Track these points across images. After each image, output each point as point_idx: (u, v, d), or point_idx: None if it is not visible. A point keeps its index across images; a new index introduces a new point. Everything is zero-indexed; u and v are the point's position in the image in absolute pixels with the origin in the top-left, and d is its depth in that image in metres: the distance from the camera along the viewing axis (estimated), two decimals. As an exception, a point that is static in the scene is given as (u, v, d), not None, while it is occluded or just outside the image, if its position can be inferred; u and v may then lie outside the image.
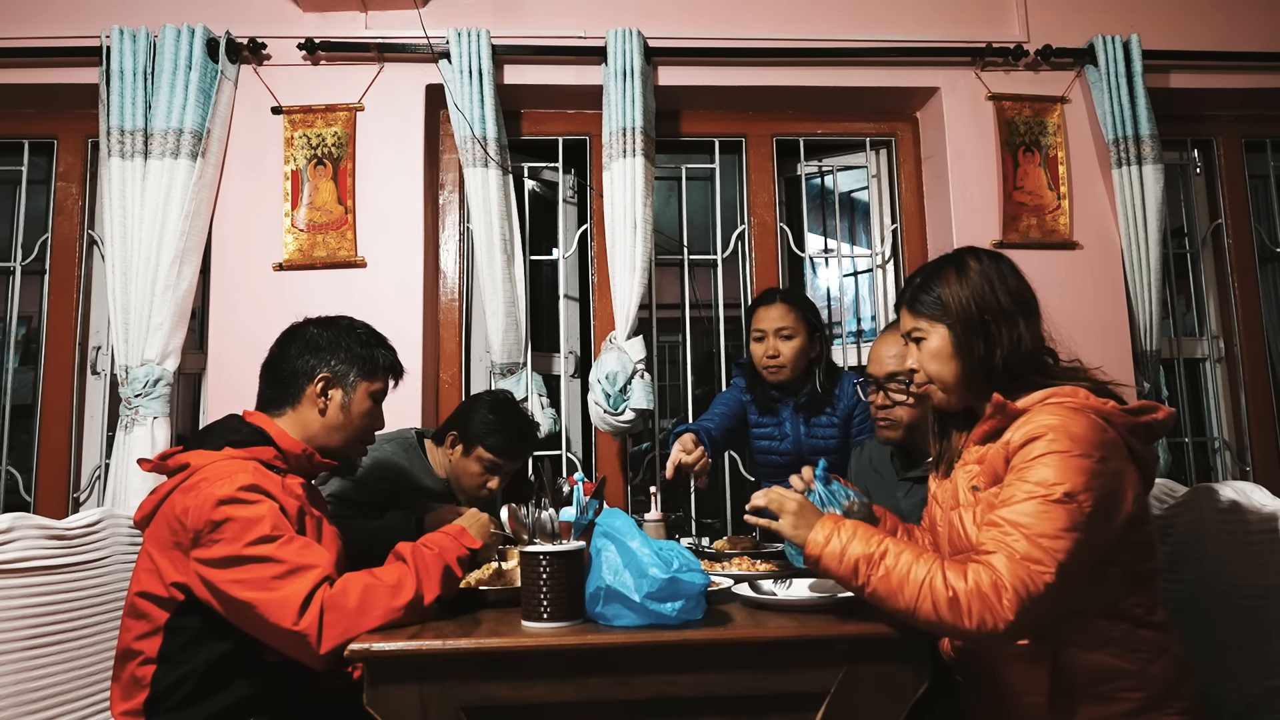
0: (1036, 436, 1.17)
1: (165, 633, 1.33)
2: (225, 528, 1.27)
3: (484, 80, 2.53)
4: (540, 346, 2.84)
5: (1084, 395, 1.23)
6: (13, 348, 2.70)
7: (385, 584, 1.26)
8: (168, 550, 1.32)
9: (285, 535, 1.28)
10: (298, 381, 1.53)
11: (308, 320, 1.62)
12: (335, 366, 1.55)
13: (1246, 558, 1.43)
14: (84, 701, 1.51)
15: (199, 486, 1.31)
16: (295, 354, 1.55)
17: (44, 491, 2.56)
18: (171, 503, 1.33)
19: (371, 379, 1.58)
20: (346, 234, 2.54)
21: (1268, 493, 1.44)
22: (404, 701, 1.11)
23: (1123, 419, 1.23)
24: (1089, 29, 2.74)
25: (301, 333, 1.58)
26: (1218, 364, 2.94)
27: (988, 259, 1.34)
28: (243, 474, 1.33)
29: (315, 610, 1.21)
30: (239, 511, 1.27)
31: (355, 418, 1.57)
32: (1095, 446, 1.15)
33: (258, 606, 1.23)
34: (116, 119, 2.42)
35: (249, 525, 1.27)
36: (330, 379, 1.54)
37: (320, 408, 1.53)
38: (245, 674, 1.35)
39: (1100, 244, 2.71)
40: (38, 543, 1.46)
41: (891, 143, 2.96)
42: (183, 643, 1.32)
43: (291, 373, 1.53)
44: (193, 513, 1.28)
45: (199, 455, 1.39)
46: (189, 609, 1.32)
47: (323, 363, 1.54)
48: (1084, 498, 1.12)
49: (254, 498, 1.30)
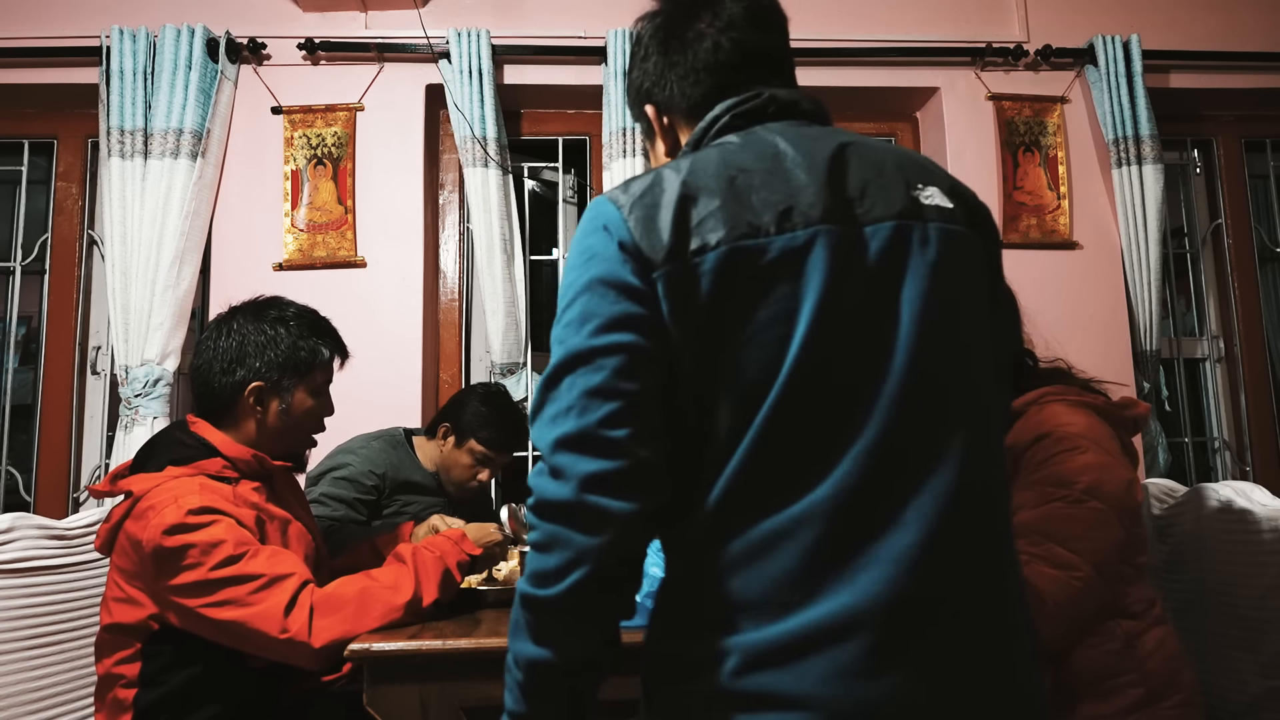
0: (1041, 435, 1.17)
1: (143, 658, 1.30)
2: (188, 555, 1.22)
3: (484, 80, 2.53)
4: (540, 346, 2.84)
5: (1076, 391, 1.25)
6: (13, 348, 2.70)
7: (383, 585, 1.26)
8: (133, 580, 1.29)
9: (249, 550, 1.24)
10: (228, 395, 1.41)
11: (233, 314, 1.48)
12: (264, 373, 1.42)
13: (1246, 558, 1.44)
14: (84, 701, 1.51)
15: (146, 515, 1.25)
16: (220, 370, 1.42)
17: (44, 491, 2.55)
18: (125, 531, 1.28)
19: (307, 376, 1.46)
20: (346, 234, 2.54)
21: (1268, 493, 1.44)
22: (404, 701, 1.11)
23: (1113, 413, 1.25)
24: (1089, 29, 2.74)
25: (223, 339, 1.44)
26: (1218, 364, 2.94)
27: None
28: (188, 495, 1.26)
29: (303, 612, 1.20)
30: (194, 537, 1.22)
31: (298, 419, 1.46)
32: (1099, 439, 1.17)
33: (244, 623, 1.21)
34: (116, 119, 2.42)
35: (209, 549, 1.22)
36: (262, 387, 1.42)
37: (258, 418, 1.43)
38: (224, 687, 1.33)
39: (1100, 244, 2.71)
40: (38, 543, 1.46)
41: (891, 143, 2.96)
42: (162, 664, 1.30)
43: (220, 388, 1.41)
44: (145, 544, 1.23)
45: (140, 480, 1.32)
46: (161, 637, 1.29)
47: (250, 372, 1.41)
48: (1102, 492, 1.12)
49: (207, 519, 1.24)
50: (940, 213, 0.81)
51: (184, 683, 1.30)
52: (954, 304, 0.79)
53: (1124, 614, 1.20)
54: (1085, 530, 1.10)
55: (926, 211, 0.80)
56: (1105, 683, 1.18)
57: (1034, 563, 1.11)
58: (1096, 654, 1.18)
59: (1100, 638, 1.19)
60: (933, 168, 0.87)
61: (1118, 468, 1.16)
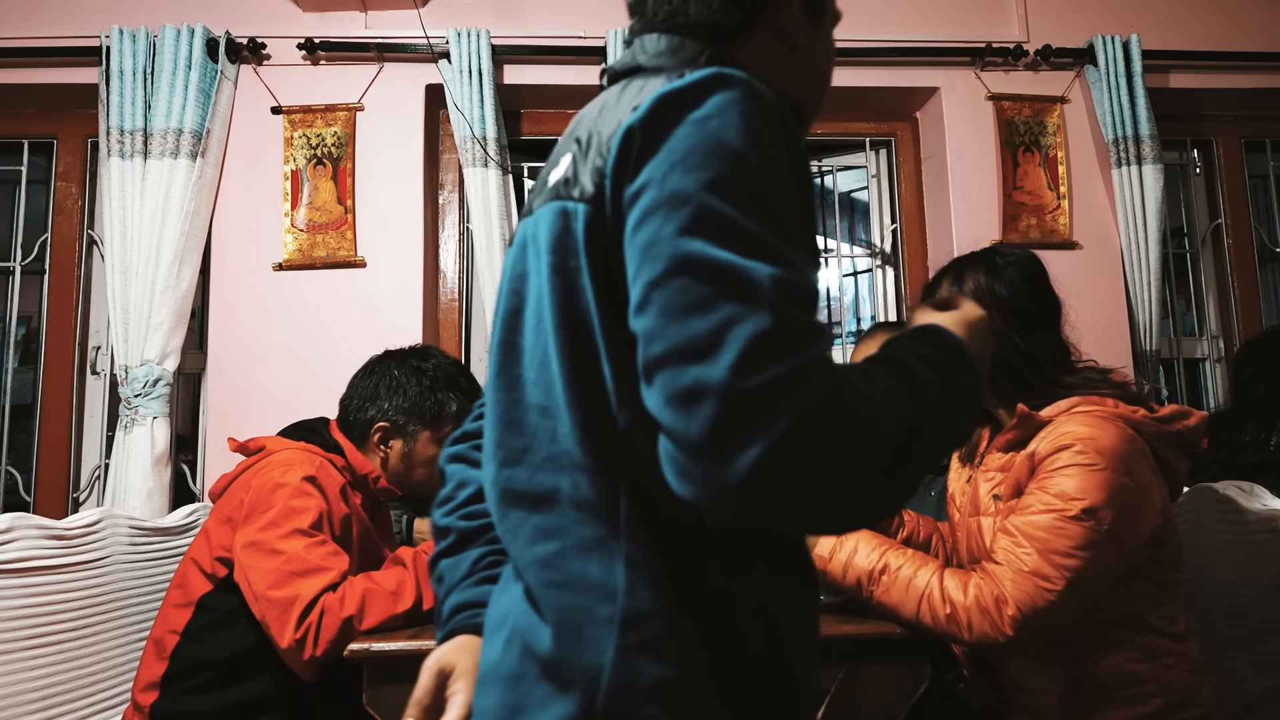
0: (1063, 447, 1.13)
1: (196, 608, 1.37)
2: (271, 509, 1.31)
3: (484, 80, 2.53)
4: (540, 346, 2.84)
5: (1113, 403, 1.18)
6: (12, 348, 2.69)
7: (385, 590, 1.26)
8: (223, 523, 1.38)
9: (319, 536, 1.31)
10: (360, 429, 1.55)
11: (385, 356, 1.60)
12: (393, 416, 1.54)
13: (1246, 558, 1.44)
14: (84, 701, 1.50)
15: (267, 468, 1.38)
16: (357, 405, 1.56)
17: (44, 491, 2.55)
18: (244, 480, 1.41)
19: (433, 425, 1.54)
20: (346, 234, 2.54)
21: (1268, 493, 1.44)
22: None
23: (1154, 428, 1.18)
24: (1089, 29, 2.74)
25: (367, 377, 1.58)
26: (1218, 364, 2.94)
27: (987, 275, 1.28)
28: (308, 464, 1.38)
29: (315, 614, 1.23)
30: (290, 500, 1.32)
31: (419, 462, 1.55)
32: (1122, 460, 1.12)
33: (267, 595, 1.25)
34: (116, 119, 2.42)
35: (291, 514, 1.31)
36: (388, 429, 1.53)
37: (382, 456, 1.54)
38: (266, 671, 1.36)
39: (1100, 244, 2.71)
40: (38, 543, 1.46)
41: (891, 143, 2.96)
42: (208, 622, 1.36)
43: (355, 421, 1.55)
44: (254, 491, 1.35)
45: (275, 441, 1.48)
46: (225, 587, 1.36)
47: (380, 414, 1.54)
48: (1104, 515, 1.09)
49: (309, 490, 1.35)
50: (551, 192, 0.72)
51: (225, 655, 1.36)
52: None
53: (1149, 629, 1.18)
54: (1074, 547, 1.07)
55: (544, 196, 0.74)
56: (1125, 690, 1.16)
57: (1010, 563, 1.10)
58: (1118, 662, 1.16)
59: (1123, 648, 1.17)
60: (589, 114, 0.74)
61: (1133, 494, 1.11)
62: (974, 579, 1.10)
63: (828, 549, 1.23)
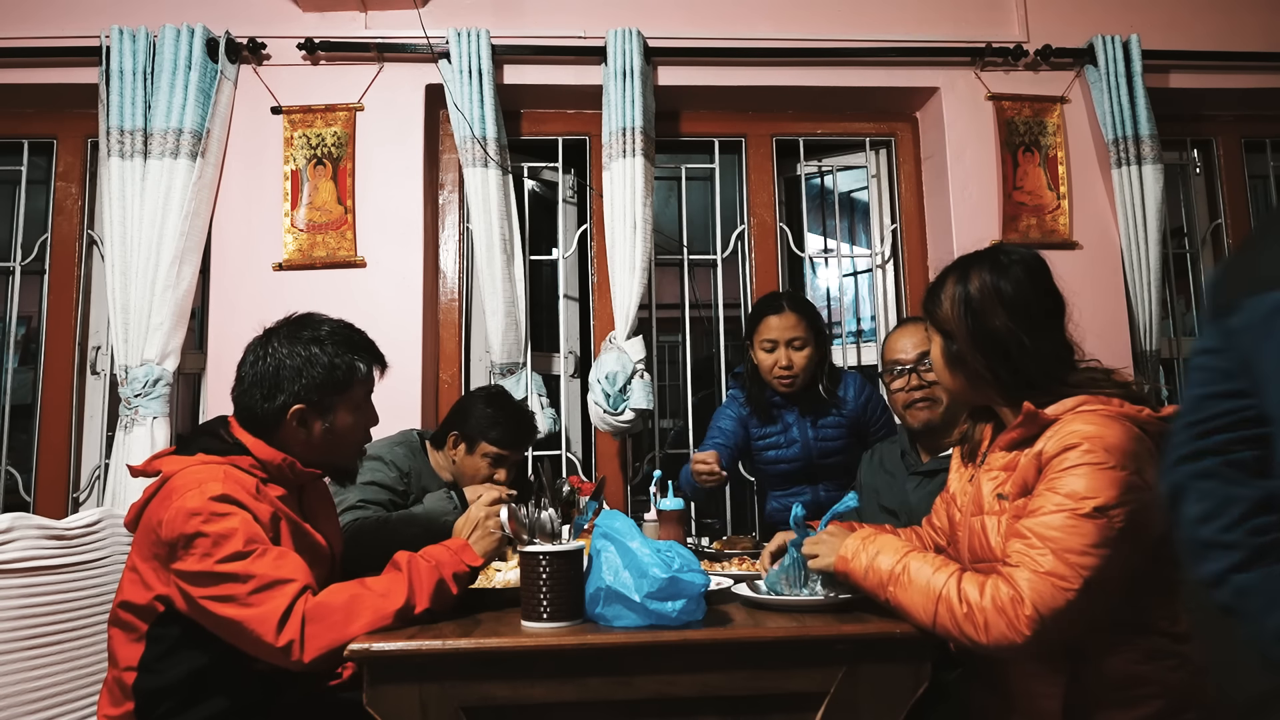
0: (1071, 446, 1.13)
1: (147, 641, 1.31)
2: (197, 542, 1.23)
3: (484, 80, 2.53)
4: (540, 346, 2.84)
5: (1118, 403, 1.19)
6: (13, 348, 2.70)
7: (374, 592, 1.25)
8: (149, 559, 1.30)
9: (259, 549, 1.25)
10: (271, 419, 1.41)
11: (268, 337, 1.46)
12: (306, 396, 1.41)
13: (1246, 558, 1.43)
14: (84, 701, 1.51)
15: (170, 497, 1.28)
16: (261, 396, 1.41)
17: (44, 491, 2.55)
18: (150, 511, 1.31)
19: (347, 393, 1.45)
20: (346, 234, 2.54)
21: (1267, 493, 1.43)
22: (404, 701, 1.11)
23: (1158, 427, 1.18)
24: (1089, 29, 2.74)
25: (260, 363, 1.43)
26: (1217, 364, 2.94)
27: (992, 273, 1.28)
28: (212, 482, 1.28)
29: (296, 622, 1.20)
30: (210, 526, 1.24)
31: (343, 434, 1.47)
32: (1130, 458, 1.12)
33: (239, 622, 1.21)
34: (116, 119, 2.42)
35: (220, 540, 1.23)
36: (304, 410, 1.41)
37: (302, 438, 1.43)
38: (229, 685, 1.33)
39: (1100, 244, 2.71)
40: (37, 543, 1.46)
41: (891, 143, 2.96)
42: (162, 652, 1.31)
43: (262, 413, 1.41)
44: (165, 525, 1.25)
45: (171, 461, 1.35)
46: (168, 619, 1.30)
47: (291, 397, 1.40)
48: (1116, 513, 1.09)
49: (224, 509, 1.25)
50: None
51: (186, 675, 1.31)
52: None
53: (1151, 629, 1.17)
54: (1089, 545, 1.07)
55: None
56: (1126, 691, 1.16)
57: (1025, 564, 1.09)
58: (1120, 662, 1.16)
59: (1125, 648, 1.17)
60: None
61: (1143, 491, 1.11)
62: (990, 580, 1.10)
63: (851, 550, 1.22)
